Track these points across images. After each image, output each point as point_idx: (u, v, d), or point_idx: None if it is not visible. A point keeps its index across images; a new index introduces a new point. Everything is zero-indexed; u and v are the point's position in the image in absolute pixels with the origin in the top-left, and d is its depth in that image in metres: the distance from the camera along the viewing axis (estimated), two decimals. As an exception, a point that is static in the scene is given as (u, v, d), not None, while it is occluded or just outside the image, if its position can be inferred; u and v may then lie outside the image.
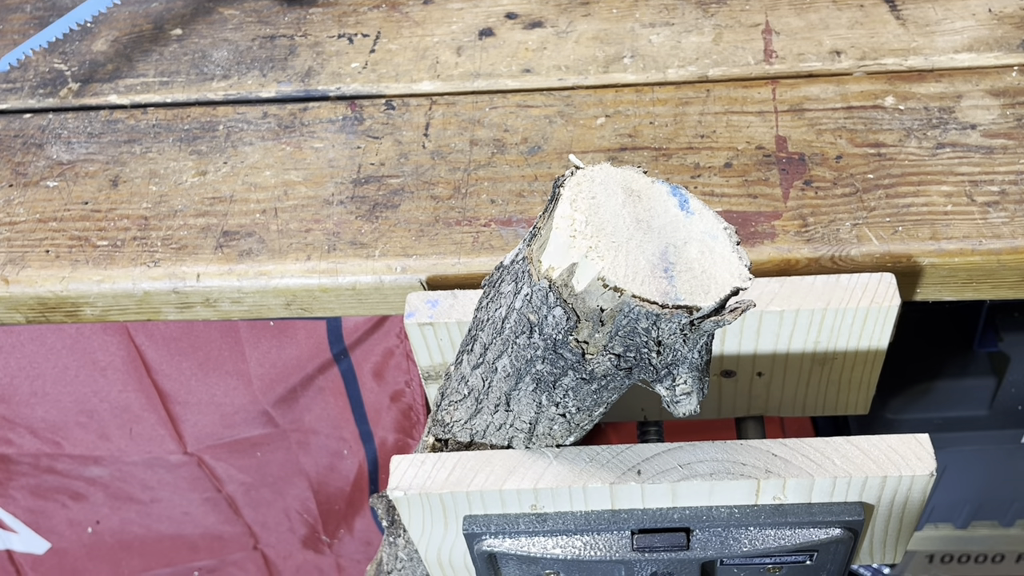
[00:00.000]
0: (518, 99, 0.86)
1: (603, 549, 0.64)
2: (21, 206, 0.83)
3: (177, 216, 0.81)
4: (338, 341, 0.90)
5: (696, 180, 0.78)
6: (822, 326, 0.69)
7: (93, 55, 0.94)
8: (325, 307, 0.78)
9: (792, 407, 0.78)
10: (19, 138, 0.88)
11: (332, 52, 0.91)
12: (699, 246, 0.52)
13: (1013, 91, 0.81)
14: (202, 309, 0.79)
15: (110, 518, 1.13)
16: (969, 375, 1.08)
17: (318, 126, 0.86)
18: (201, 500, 1.10)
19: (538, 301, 0.52)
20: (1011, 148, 0.78)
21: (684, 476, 0.61)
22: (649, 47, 0.88)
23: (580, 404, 0.57)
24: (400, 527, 0.78)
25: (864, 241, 0.73)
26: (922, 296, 0.75)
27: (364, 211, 0.79)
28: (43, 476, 1.08)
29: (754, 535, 0.63)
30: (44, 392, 0.98)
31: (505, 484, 0.62)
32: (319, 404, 0.98)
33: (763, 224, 0.75)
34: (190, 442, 1.02)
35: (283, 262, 0.77)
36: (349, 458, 1.04)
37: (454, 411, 0.64)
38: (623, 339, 0.51)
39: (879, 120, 0.81)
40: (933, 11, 0.88)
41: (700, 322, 0.50)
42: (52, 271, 0.78)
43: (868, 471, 0.61)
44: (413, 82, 0.88)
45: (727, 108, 0.83)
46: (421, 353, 0.72)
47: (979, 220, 0.73)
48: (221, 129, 0.87)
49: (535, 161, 0.81)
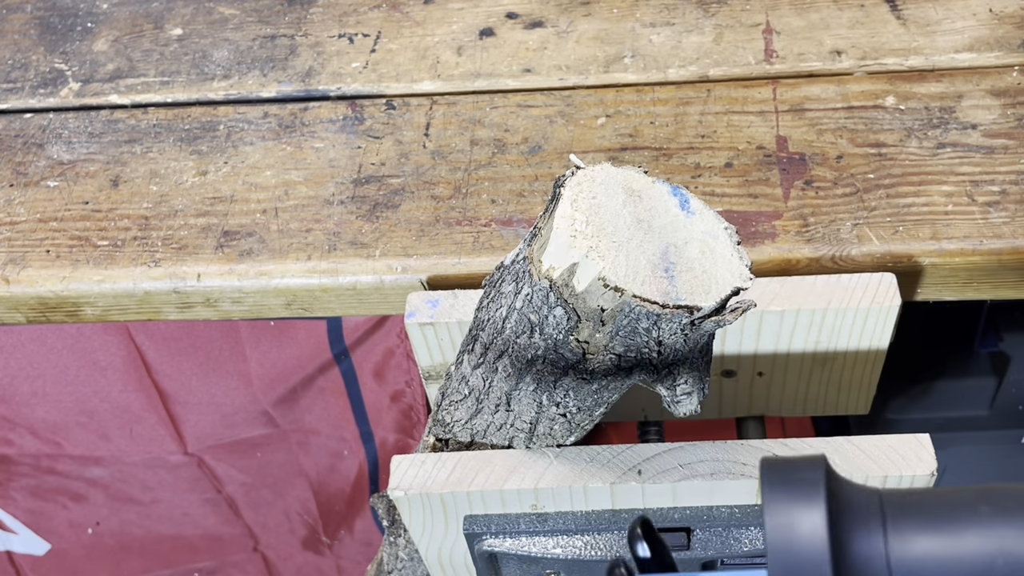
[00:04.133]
0: (519, 99, 0.86)
1: (604, 549, 0.64)
2: (22, 206, 0.83)
3: (178, 216, 0.81)
4: (339, 341, 0.90)
5: (697, 180, 0.78)
6: (823, 326, 0.69)
7: (94, 55, 0.94)
8: (325, 307, 0.78)
9: (793, 407, 0.78)
10: (20, 138, 0.88)
11: (333, 52, 0.91)
12: (700, 246, 0.52)
13: (1014, 91, 0.81)
14: (202, 309, 0.79)
15: (110, 519, 1.13)
16: (970, 375, 1.08)
17: (319, 126, 0.86)
18: (201, 501, 1.10)
19: (539, 301, 0.52)
20: (1012, 148, 0.78)
21: (685, 476, 0.61)
22: (650, 47, 0.88)
23: (581, 404, 0.57)
24: (401, 527, 0.78)
25: (865, 241, 0.73)
26: (923, 296, 0.75)
27: (365, 211, 0.79)
28: (43, 477, 1.08)
29: (755, 535, 0.63)
30: (44, 392, 0.98)
31: (506, 484, 0.62)
32: (319, 404, 0.98)
33: (764, 224, 0.75)
34: (190, 442, 1.02)
35: (283, 262, 0.77)
36: (349, 458, 1.04)
37: (455, 411, 0.64)
38: (624, 339, 0.51)
39: (880, 120, 0.81)
40: (934, 11, 0.88)
41: (701, 322, 0.50)
42: (53, 271, 0.78)
43: (869, 471, 0.61)
44: (414, 82, 0.88)
45: (728, 108, 0.83)
46: (422, 353, 0.72)
47: (980, 220, 0.73)
48: (222, 129, 0.87)
49: (536, 161, 0.81)
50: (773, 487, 0.40)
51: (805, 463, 0.41)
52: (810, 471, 0.41)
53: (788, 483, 0.41)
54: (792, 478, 0.41)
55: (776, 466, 0.41)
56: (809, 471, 0.41)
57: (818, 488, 0.40)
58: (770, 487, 0.40)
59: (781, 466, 0.41)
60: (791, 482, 0.41)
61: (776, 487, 0.40)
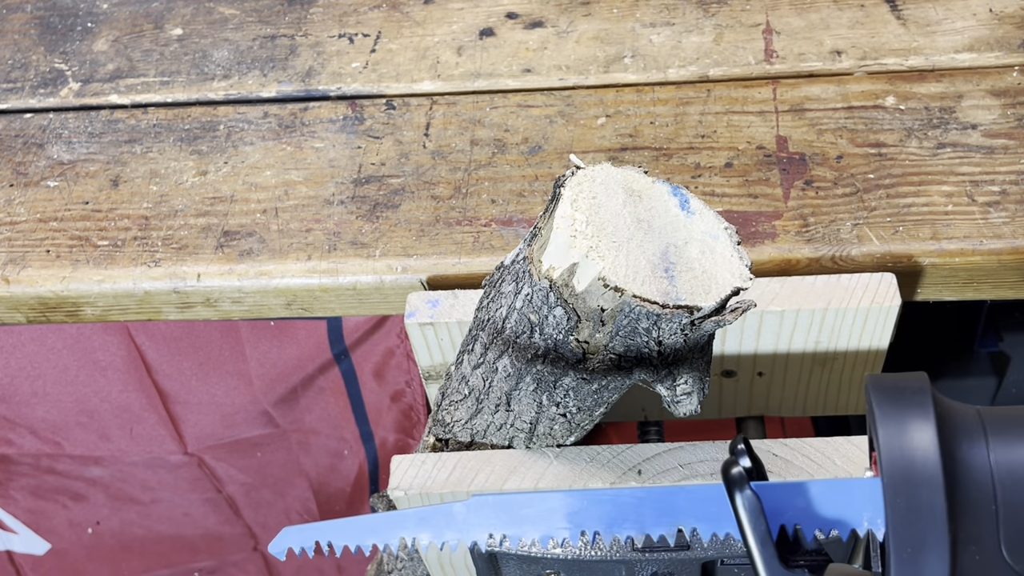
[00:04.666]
0: (519, 99, 0.86)
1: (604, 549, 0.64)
2: (22, 206, 0.83)
3: (178, 216, 0.81)
4: (339, 341, 0.90)
5: (697, 180, 0.78)
6: (823, 326, 0.69)
7: (94, 55, 0.94)
8: (326, 307, 0.78)
9: (793, 407, 0.78)
10: (20, 138, 0.88)
11: (333, 52, 0.91)
12: (700, 246, 0.52)
13: (1014, 91, 0.81)
14: (203, 309, 0.79)
15: (110, 519, 1.13)
16: (970, 375, 1.08)
17: (319, 126, 0.86)
18: (201, 501, 1.10)
19: (539, 301, 0.52)
20: (1012, 148, 0.78)
21: (685, 476, 0.61)
22: (650, 47, 0.88)
23: (581, 404, 0.57)
24: (400, 527, 0.78)
25: (865, 241, 0.73)
26: (923, 296, 0.75)
27: (365, 211, 0.79)
28: (43, 476, 1.08)
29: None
30: (45, 392, 0.98)
31: (506, 484, 0.62)
32: (320, 404, 0.98)
33: (764, 224, 0.75)
34: (190, 442, 1.02)
35: (284, 262, 0.77)
36: (349, 458, 1.04)
37: (455, 411, 0.64)
38: (624, 339, 0.51)
39: (880, 120, 0.81)
40: (934, 11, 0.88)
41: (701, 322, 0.50)
42: (53, 271, 0.78)
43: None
44: (414, 82, 0.88)
45: (728, 108, 0.83)
46: (422, 353, 0.72)
47: (980, 220, 0.73)
48: (222, 129, 0.87)
49: (536, 161, 0.81)
50: (883, 401, 0.43)
51: (910, 380, 0.44)
52: (916, 387, 0.43)
53: (897, 398, 0.43)
54: (901, 394, 0.43)
55: (883, 382, 0.44)
56: (915, 387, 0.43)
57: (926, 402, 0.43)
58: (880, 401, 0.43)
59: (888, 382, 0.44)
60: (900, 397, 0.43)
61: (886, 401, 0.42)
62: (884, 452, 0.42)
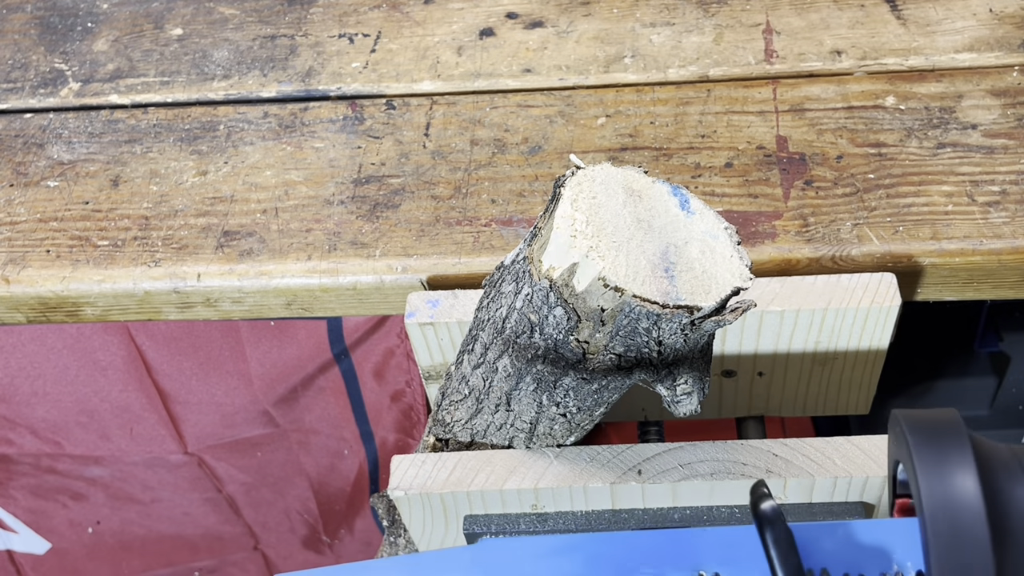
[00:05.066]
0: (519, 99, 0.86)
1: (604, 549, 0.64)
2: (22, 206, 0.83)
3: (178, 216, 0.81)
4: (339, 341, 0.90)
5: (697, 180, 0.78)
6: (823, 326, 0.69)
7: (94, 55, 0.94)
8: (326, 307, 0.78)
9: (793, 407, 0.78)
10: (20, 138, 0.88)
11: (333, 52, 0.91)
12: (700, 246, 0.52)
13: (1014, 91, 0.81)
14: (203, 309, 0.79)
15: (110, 518, 1.13)
16: (970, 375, 1.08)
17: (319, 126, 0.86)
18: (201, 500, 1.10)
19: (539, 301, 0.52)
20: (1012, 148, 0.78)
21: (685, 476, 0.61)
22: (650, 47, 0.88)
23: (581, 404, 0.57)
24: (401, 527, 0.78)
25: (865, 241, 0.73)
26: (923, 296, 0.75)
27: (365, 211, 0.79)
28: (43, 476, 1.08)
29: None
30: (45, 392, 0.98)
31: (506, 484, 0.62)
32: (320, 404, 0.98)
33: (764, 224, 0.75)
34: (191, 442, 1.02)
35: (284, 262, 0.77)
36: (350, 458, 1.04)
37: (455, 411, 0.64)
38: (624, 339, 0.51)
39: (880, 120, 0.81)
40: (934, 11, 0.88)
41: (701, 322, 0.50)
42: (53, 271, 0.78)
43: (869, 471, 0.61)
44: (414, 82, 0.88)
45: (728, 108, 0.83)
46: (422, 353, 0.72)
47: (980, 220, 0.73)
48: (222, 129, 0.87)
49: (536, 161, 0.81)
50: (921, 445, 0.43)
51: (945, 420, 0.44)
52: (952, 427, 0.43)
53: (935, 440, 0.43)
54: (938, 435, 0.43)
55: (918, 422, 0.44)
56: (951, 427, 0.43)
57: (964, 444, 0.43)
58: (918, 444, 0.43)
59: (924, 423, 0.44)
60: (938, 440, 0.43)
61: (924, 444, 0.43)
62: (926, 498, 0.41)
